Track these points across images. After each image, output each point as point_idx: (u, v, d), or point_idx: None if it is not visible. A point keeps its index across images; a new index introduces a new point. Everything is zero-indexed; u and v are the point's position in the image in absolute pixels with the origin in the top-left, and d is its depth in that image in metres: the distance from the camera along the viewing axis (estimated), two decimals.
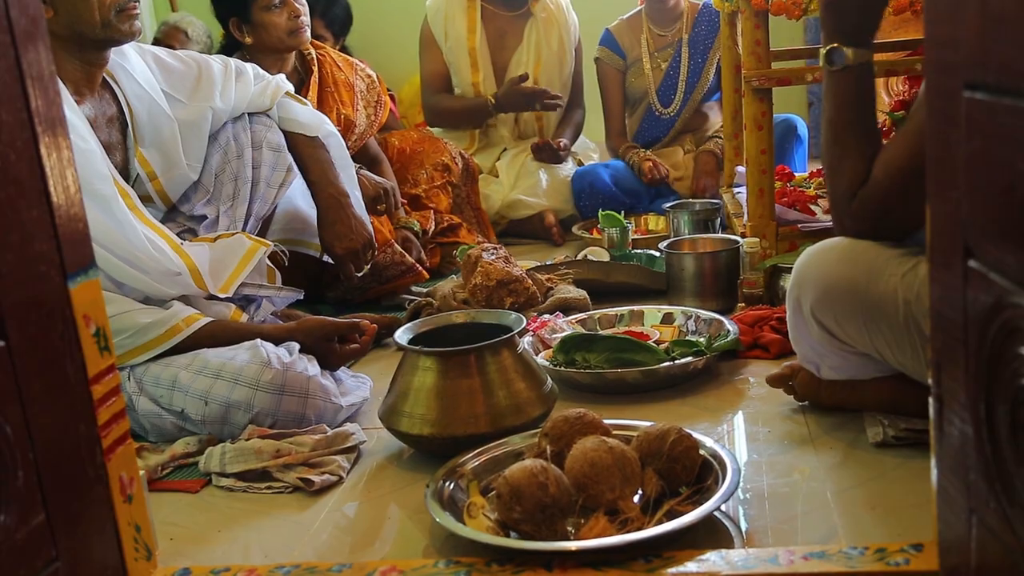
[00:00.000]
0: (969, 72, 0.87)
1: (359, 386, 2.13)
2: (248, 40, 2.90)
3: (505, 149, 3.90)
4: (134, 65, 2.23)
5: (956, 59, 0.89)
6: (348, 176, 2.55)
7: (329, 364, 2.10)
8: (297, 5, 2.89)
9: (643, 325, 2.39)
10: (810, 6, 2.45)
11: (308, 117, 2.48)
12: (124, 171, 2.20)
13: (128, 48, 2.20)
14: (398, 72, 4.91)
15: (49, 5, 1.97)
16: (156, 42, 4.42)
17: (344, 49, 4.47)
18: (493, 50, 3.87)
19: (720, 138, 3.72)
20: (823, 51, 1.69)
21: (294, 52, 2.98)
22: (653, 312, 2.41)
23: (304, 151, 2.44)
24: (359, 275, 2.50)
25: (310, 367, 2.00)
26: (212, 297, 2.14)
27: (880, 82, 3.91)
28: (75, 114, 2.00)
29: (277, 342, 2.04)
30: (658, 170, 3.71)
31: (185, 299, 2.09)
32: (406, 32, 4.19)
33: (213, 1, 2.97)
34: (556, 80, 3.92)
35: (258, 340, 2.00)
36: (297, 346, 2.06)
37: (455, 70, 3.89)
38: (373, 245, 2.49)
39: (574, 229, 3.56)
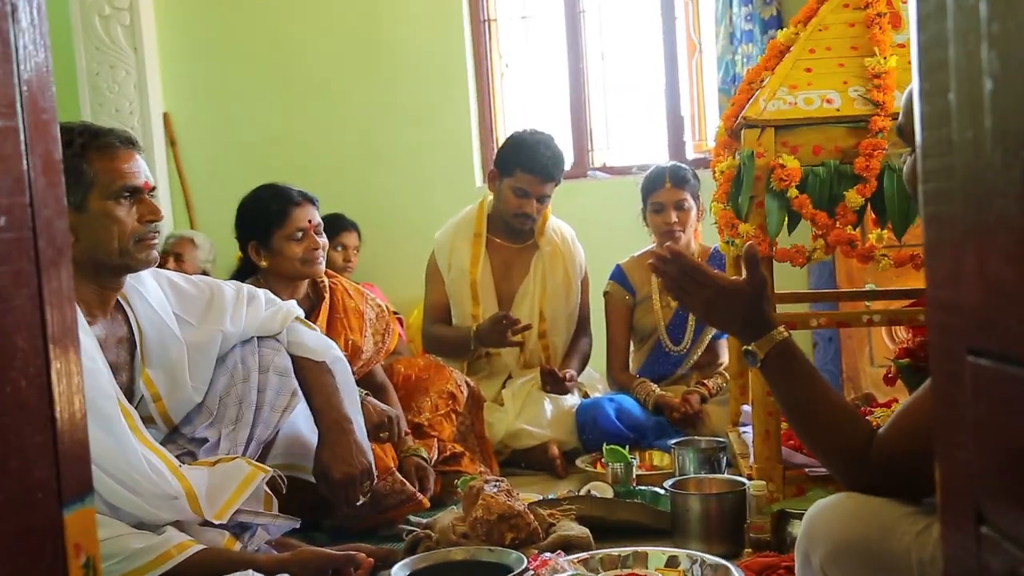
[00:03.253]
0: (972, 337, 0.87)
1: None
2: (264, 264, 2.99)
3: (510, 376, 3.90)
4: (148, 289, 2.29)
5: (959, 324, 0.90)
6: (352, 402, 2.57)
7: None
8: (317, 238, 2.98)
9: (647, 568, 2.31)
10: (813, 254, 2.52)
11: (316, 342, 2.52)
12: (128, 391, 2.24)
13: (144, 272, 2.27)
14: (408, 295, 4.95)
15: (72, 232, 2.05)
16: (165, 254, 4.61)
17: None
18: (498, 281, 3.93)
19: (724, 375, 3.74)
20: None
21: (307, 280, 3.07)
22: (657, 555, 2.35)
23: (310, 375, 2.47)
24: (355, 505, 2.46)
25: None
26: (207, 523, 2.11)
27: (883, 330, 3.97)
28: (85, 334, 2.04)
29: (270, 573, 1.99)
30: (690, 404, 3.60)
31: (178, 524, 2.06)
32: (417, 256, 4.26)
33: (237, 224, 3.08)
34: (561, 311, 3.95)
35: (250, 572, 1.95)
36: None
37: (455, 302, 3.93)
38: (372, 475, 2.47)
39: (578, 462, 3.50)
